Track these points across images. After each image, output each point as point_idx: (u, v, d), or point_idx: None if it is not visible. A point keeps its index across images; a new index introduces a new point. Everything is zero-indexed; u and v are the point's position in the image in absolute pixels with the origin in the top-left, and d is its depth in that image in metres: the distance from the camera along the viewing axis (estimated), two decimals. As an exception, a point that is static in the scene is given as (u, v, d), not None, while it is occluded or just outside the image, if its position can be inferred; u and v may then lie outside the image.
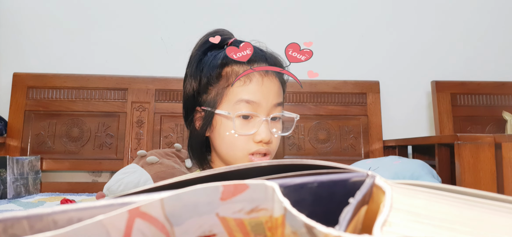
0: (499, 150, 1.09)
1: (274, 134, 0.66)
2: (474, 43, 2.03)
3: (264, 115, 0.65)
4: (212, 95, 0.67)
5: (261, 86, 0.66)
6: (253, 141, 0.65)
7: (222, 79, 0.67)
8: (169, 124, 1.81)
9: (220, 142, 0.68)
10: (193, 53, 0.73)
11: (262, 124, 0.65)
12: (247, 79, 0.66)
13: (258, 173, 0.24)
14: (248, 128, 0.65)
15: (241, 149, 0.65)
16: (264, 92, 0.66)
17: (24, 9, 1.88)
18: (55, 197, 1.51)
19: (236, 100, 0.65)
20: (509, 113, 1.77)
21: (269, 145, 0.66)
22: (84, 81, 1.80)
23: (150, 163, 1.45)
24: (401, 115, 1.97)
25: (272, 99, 0.66)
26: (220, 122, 0.67)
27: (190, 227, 0.18)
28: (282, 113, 0.69)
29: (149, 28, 1.93)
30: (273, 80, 0.68)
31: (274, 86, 0.67)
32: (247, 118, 0.65)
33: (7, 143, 1.71)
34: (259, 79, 0.66)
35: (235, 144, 0.65)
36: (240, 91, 0.65)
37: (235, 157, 0.66)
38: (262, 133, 0.64)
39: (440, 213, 0.19)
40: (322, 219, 0.18)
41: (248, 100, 0.65)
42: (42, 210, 0.17)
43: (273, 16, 1.96)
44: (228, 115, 0.65)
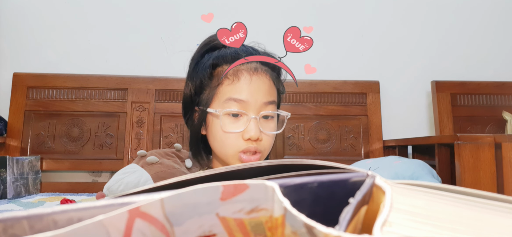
0: (499, 150, 1.09)
1: (263, 132, 0.66)
2: (474, 43, 2.03)
3: (253, 113, 0.65)
4: (206, 94, 0.68)
5: (249, 84, 0.65)
6: (242, 138, 0.65)
7: (214, 79, 0.68)
8: (169, 124, 1.81)
9: (213, 141, 0.68)
10: (193, 56, 0.74)
11: (251, 121, 0.65)
12: (235, 77, 0.65)
13: (258, 173, 0.24)
14: (237, 126, 0.65)
15: (231, 146, 0.65)
16: (252, 90, 0.65)
17: (24, 9, 1.88)
18: (55, 197, 1.51)
19: (225, 98, 0.65)
20: (509, 113, 1.77)
21: (259, 143, 0.66)
22: (84, 81, 1.80)
23: (150, 163, 1.45)
24: (401, 115, 1.97)
25: (262, 98, 0.66)
26: (212, 120, 0.67)
27: (190, 227, 0.18)
28: (273, 112, 0.68)
29: (149, 28, 1.93)
30: (263, 78, 0.67)
31: (263, 84, 0.67)
32: (237, 116, 0.65)
33: (7, 143, 1.71)
34: (247, 77, 0.66)
35: (225, 142, 0.65)
36: (229, 90, 0.65)
37: (227, 155, 0.66)
38: (251, 131, 0.64)
39: (440, 213, 0.19)
40: (322, 219, 0.18)
41: (236, 98, 0.65)
42: (42, 210, 0.17)
43: (272, 16, 1.96)
44: (216, 113, 0.65)
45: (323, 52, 1.94)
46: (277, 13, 1.97)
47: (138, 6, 1.93)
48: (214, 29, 0.75)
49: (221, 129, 0.65)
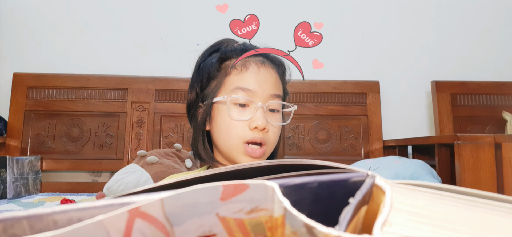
0: (499, 150, 1.09)
1: (270, 123, 0.65)
2: (474, 43, 2.03)
3: (260, 102, 0.65)
4: (212, 87, 0.68)
5: (257, 74, 0.65)
6: (248, 128, 0.64)
7: (221, 71, 0.68)
8: (169, 124, 1.81)
9: (217, 132, 0.67)
10: (199, 58, 0.75)
11: (258, 110, 0.64)
12: (243, 67, 0.66)
13: (258, 173, 0.24)
14: (244, 115, 0.64)
15: (236, 136, 0.64)
16: (260, 80, 0.65)
17: (24, 9, 1.88)
18: (55, 197, 1.51)
19: (232, 88, 0.65)
20: (509, 113, 1.77)
21: (265, 133, 0.65)
22: (84, 81, 1.80)
23: (150, 163, 1.45)
24: (401, 115, 1.97)
25: (269, 89, 0.66)
26: (218, 111, 0.67)
27: (190, 227, 0.18)
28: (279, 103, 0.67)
29: (149, 28, 1.93)
30: (270, 71, 0.67)
31: (270, 76, 0.67)
32: (244, 107, 0.65)
33: (7, 143, 1.71)
34: (255, 68, 0.66)
35: (231, 131, 0.65)
36: (237, 80, 0.65)
37: (231, 146, 0.65)
38: (258, 120, 0.63)
39: (440, 213, 0.19)
40: (322, 219, 0.18)
41: (244, 87, 0.64)
42: (42, 210, 0.17)
43: (272, 17, 1.96)
44: (223, 100, 0.65)
45: (323, 52, 1.93)
46: (277, 14, 1.97)
47: (138, 6, 1.93)
48: (214, 28, 0.75)
49: (227, 117, 0.64)
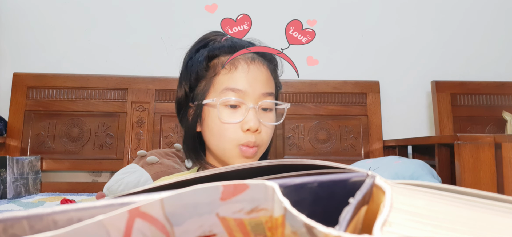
0: (499, 150, 1.09)
1: (262, 123, 0.63)
2: (474, 43, 2.03)
3: (252, 103, 0.62)
4: (201, 87, 0.66)
5: (247, 73, 0.63)
6: (241, 130, 0.62)
7: (209, 70, 0.65)
8: (169, 124, 1.81)
9: (209, 135, 0.65)
10: (186, 53, 0.72)
11: (249, 111, 0.62)
12: (232, 66, 0.63)
13: (258, 173, 0.24)
14: (236, 117, 0.62)
15: (229, 139, 0.62)
16: (250, 79, 0.63)
17: (24, 9, 1.88)
18: (55, 197, 1.51)
19: (222, 89, 0.63)
20: (509, 113, 1.77)
21: (257, 135, 0.63)
22: (84, 81, 1.80)
23: (150, 163, 1.45)
24: (401, 115, 1.97)
25: (260, 88, 0.63)
26: (208, 113, 0.64)
27: (190, 227, 0.18)
28: (272, 102, 0.65)
29: (149, 28, 1.93)
30: (261, 68, 0.65)
31: (261, 74, 0.64)
32: (235, 108, 0.63)
33: (7, 143, 1.71)
34: (245, 66, 0.63)
35: (223, 134, 0.62)
36: (226, 80, 0.63)
37: (224, 149, 0.63)
38: (250, 121, 0.61)
39: (440, 213, 0.19)
40: (322, 219, 0.18)
41: (234, 88, 0.62)
42: (42, 210, 0.17)
43: (272, 16, 1.96)
44: (213, 102, 0.62)
45: (323, 52, 1.94)
46: (276, 13, 1.97)
47: (138, 6, 1.93)
48: (214, 28, 0.75)
49: (218, 120, 0.62)
